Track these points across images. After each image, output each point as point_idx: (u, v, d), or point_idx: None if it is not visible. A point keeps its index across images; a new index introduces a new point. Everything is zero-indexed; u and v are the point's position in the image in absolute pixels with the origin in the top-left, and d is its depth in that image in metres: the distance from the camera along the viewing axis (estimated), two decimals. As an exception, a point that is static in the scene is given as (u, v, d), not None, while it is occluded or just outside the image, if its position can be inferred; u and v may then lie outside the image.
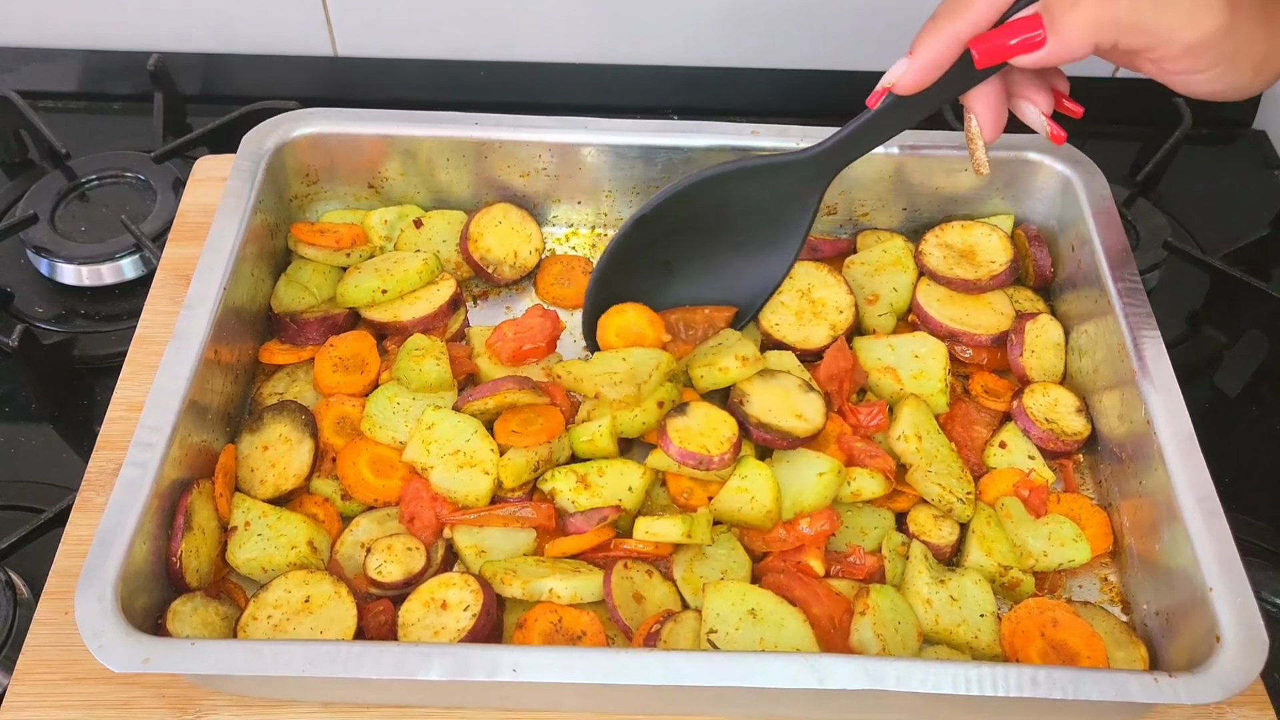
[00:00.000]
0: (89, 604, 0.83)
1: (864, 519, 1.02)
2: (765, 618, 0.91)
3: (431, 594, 0.93)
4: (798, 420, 1.02)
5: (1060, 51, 0.80)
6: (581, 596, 0.93)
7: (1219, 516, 0.90)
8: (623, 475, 1.00)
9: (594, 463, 1.01)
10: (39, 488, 1.13)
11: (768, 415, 1.02)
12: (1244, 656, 0.82)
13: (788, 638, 0.90)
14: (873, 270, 1.18)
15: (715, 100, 1.52)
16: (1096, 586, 1.01)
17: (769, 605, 0.92)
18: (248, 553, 0.96)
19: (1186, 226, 1.40)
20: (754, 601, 0.92)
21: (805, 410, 1.03)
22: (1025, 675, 0.81)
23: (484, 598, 0.91)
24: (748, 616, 0.91)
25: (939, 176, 1.19)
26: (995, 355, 1.13)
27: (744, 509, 0.98)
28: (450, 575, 0.94)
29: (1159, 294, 1.31)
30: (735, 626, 0.90)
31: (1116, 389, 1.03)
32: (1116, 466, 1.03)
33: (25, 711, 0.91)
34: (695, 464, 0.98)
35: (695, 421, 1.01)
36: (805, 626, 0.91)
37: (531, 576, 0.93)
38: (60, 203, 1.35)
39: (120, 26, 1.48)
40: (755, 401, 1.03)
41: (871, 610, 0.91)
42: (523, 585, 0.93)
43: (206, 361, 0.98)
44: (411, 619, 0.91)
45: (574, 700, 0.91)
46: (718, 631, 0.90)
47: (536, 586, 0.92)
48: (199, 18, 1.47)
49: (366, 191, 1.22)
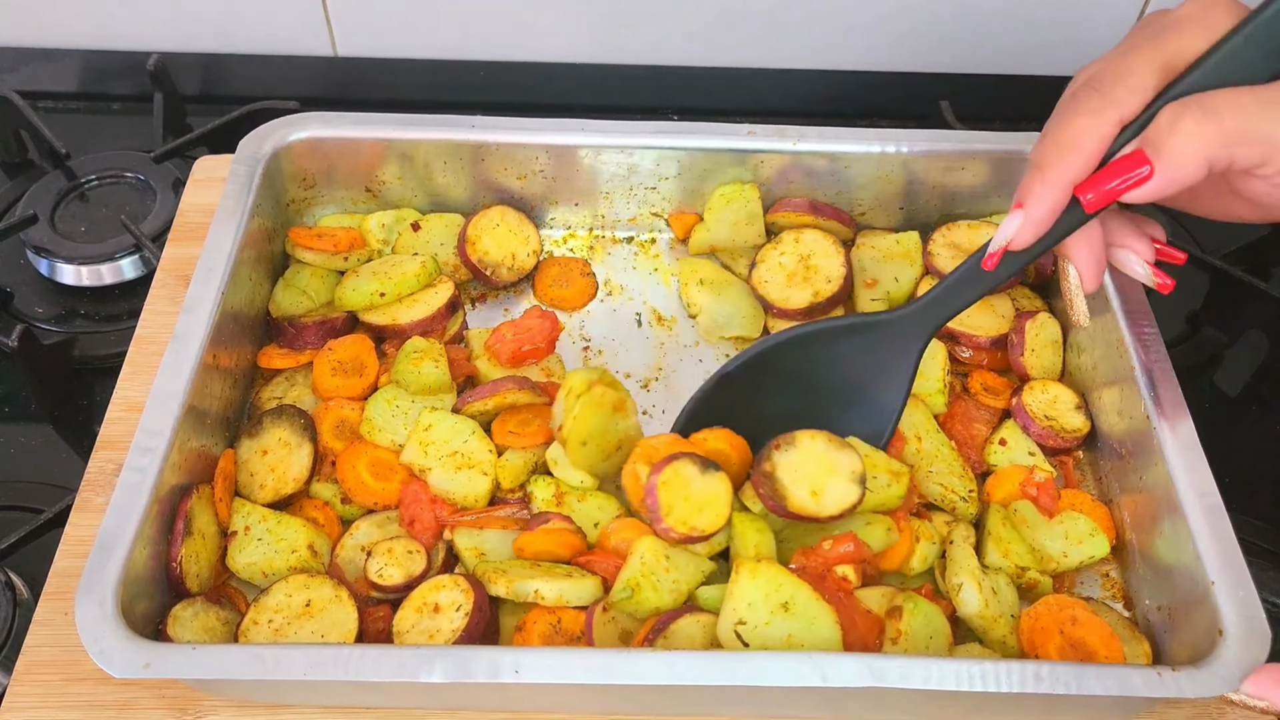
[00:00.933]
0: (89, 609, 0.83)
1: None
2: (799, 613, 0.87)
3: (424, 599, 0.92)
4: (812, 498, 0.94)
5: (1172, 178, 0.76)
6: (568, 599, 0.92)
7: (1220, 511, 0.90)
8: (599, 509, 0.99)
9: (578, 487, 1.00)
10: (39, 488, 1.13)
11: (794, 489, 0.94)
12: (1247, 650, 0.82)
13: (816, 638, 0.87)
14: (881, 257, 1.19)
15: (713, 100, 1.53)
16: (1098, 582, 1.01)
17: (804, 599, 0.88)
18: (248, 557, 0.95)
19: (1186, 225, 1.40)
20: (790, 593, 0.88)
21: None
22: (1029, 671, 0.81)
23: (475, 595, 0.91)
24: (780, 610, 0.87)
25: (937, 175, 1.19)
26: (995, 355, 1.13)
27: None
28: (440, 578, 0.94)
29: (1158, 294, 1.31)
30: (766, 621, 0.87)
31: (1116, 385, 1.03)
32: (1117, 463, 1.03)
33: (25, 712, 0.91)
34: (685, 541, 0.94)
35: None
36: (836, 629, 0.88)
37: (518, 577, 0.93)
38: (60, 203, 1.35)
39: (120, 26, 1.48)
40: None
41: (904, 636, 0.89)
42: (508, 584, 0.92)
43: (205, 366, 0.98)
44: (405, 626, 0.91)
45: (576, 701, 0.91)
46: (747, 624, 0.87)
47: (522, 587, 0.92)
48: (199, 18, 1.47)
49: (364, 195, 1.22)
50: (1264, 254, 1.36)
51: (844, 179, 1.19)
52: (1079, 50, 1.48)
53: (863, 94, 1.52)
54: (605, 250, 1.25)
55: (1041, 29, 1.46)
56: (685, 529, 0.91)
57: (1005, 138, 1.18)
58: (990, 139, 1.18)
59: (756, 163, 1.19)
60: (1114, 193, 0.79)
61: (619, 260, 1.25)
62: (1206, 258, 1.32)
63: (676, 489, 0.92)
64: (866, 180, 1.20)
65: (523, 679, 0.80)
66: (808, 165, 1.19)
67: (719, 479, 0.93)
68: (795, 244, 1.18)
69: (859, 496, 0.93)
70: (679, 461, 0.93)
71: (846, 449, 0.95)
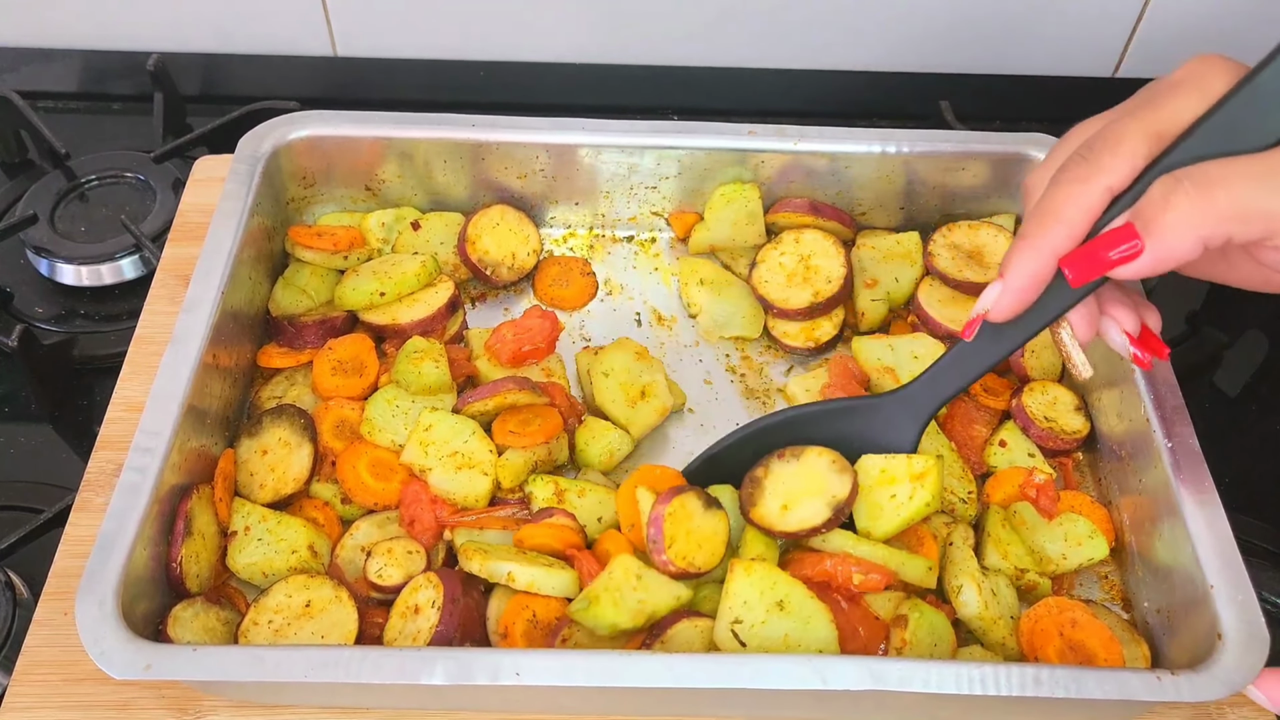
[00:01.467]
0: (89, 610, 0.83)
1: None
2: (794, 612, 0.88)
3: (406, 603, 0.92)
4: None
5: (1163, 257, 0.72)
6: (539, 587, 0.91)
7: (1219, 514, 0.90)
8: (600, 504, 0.99)
9: (578, 482, 1.00)
10: (38, 488, 1.12)
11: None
12: (1245, 654, 0.82)
13: (812, 637, 0.88)
14: (881, 257, 1.19)
15: (713, 100, 1.52)
16: (1097, 584, 1.01)
17: (799, 597, 0.89)
18: (248, 558, 0.95)
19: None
20: (784, 592, 0.89)
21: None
22: (1028, 674, 0.81)
23: (445, 588, 0.90)
24: (775, 609, 0.88)
25: (937, 175, 1.19)
26: (994, 355, 1.13)
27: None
28: (417, 579, 0.93)
29: (1158, 293, 1.31)
30: (762, 620, 0.88)
31: (1115, 386, 1.03)
32: (1116, 464, 1.03)
33: (24, 712, 0.91)
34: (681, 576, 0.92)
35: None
36: (831, 628, 0.88)
37: (495, 558, 0.92)
38: (60, 203, 1.35)
39: (120, 26, 1.48)
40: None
41: (909, 646, 0.89)
42: (482, 562, 0.91)
43: (205, 366, 0.98)
44: (393, 635, 0.91)
45: (575, 703, 0.91)
46: (743, 623, 0.88)
47: (496, 567, 0.91)
48: (199, 18, 1.47)
49: (364, 194, 1.22)
50: (1264, 254, 1.36)
51: (844, 179, 1.19)
52: (1079, 50, 1.49)
53: (863, 94, 1.52)
54: (605, 250, 1.25)
55: (1041, 29, 1.46)
56: (683, 563, 0.91)
57: (1006, 138, 1.18)
58: (991, 139, 1.18)
59: (757, 162, 1.19)
60: (1100, 266, 0.74)
61: (619, 260, 1.25)
62: (1206, 258, 1.32)
63: (680, 521, 0.92)
64: (867, 180, 1.20)
65: (523, 681, 0.80)
66: (808, 165, 1.18)
67: (720, 518, 0.94)
68: (795, 244, 1.18)
69: (824, 521, 0.91)
70: (685, 495, 0.93)
71: (845, 474, 0.93)
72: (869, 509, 0.94)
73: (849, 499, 0.92)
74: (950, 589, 0.94)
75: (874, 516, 0.94)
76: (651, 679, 0.80)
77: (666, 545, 0.90)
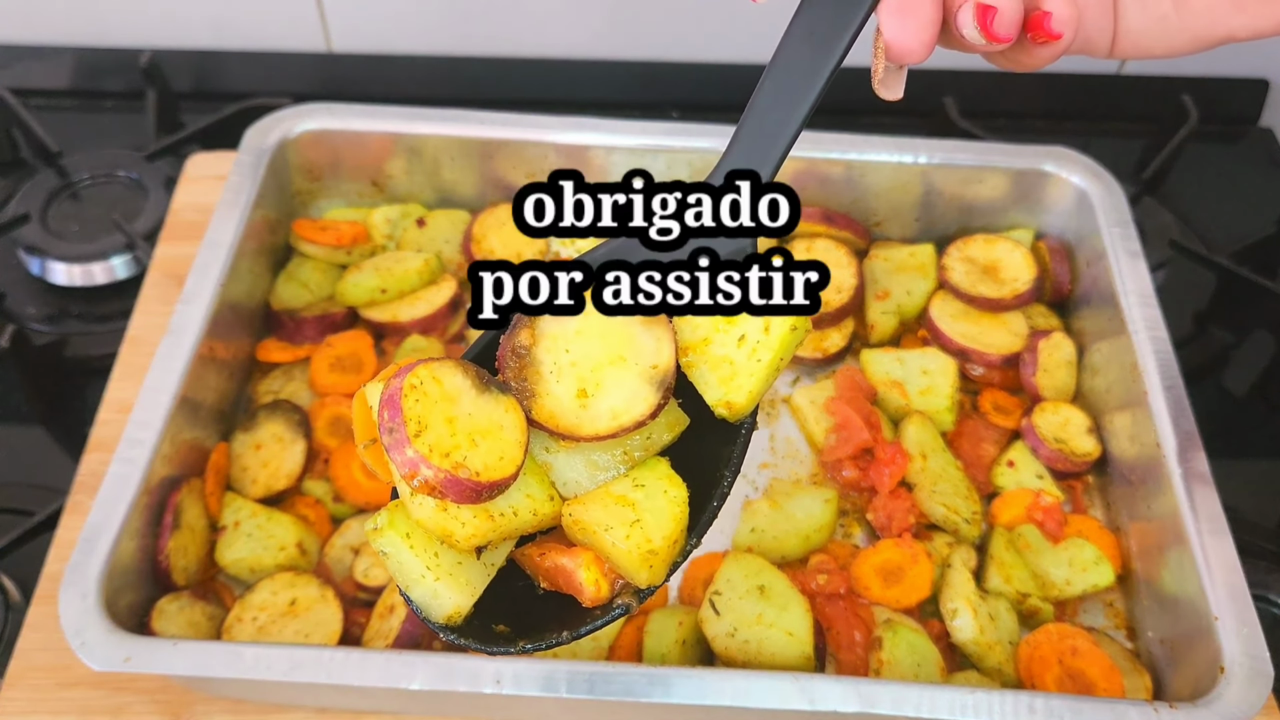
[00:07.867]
0: (72, 601, 0.82)
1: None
2: (773, 598, 0.91)
3: (384, 603, 0.92)
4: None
5: None
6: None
7: (1228, 544, 0.88)
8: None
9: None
10: (30, 490, 1.11)
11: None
12: (1248, 688, 0.80)
13: (787, 621, 0.90)
14: (894, 268, 1.17)
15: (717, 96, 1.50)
16: (1102, 612, 0.98)
17: (781, 587, 0.92)
18: (236, 553, 0.94)
19: (1192, 225, 1.37)
20: (768, 579, 0.92)
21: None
22: (1023, 701, 0.79)
23: None
24: (755, 591, 0.92)
25: (955, 187, 1.17)
26: (1007, 374, 1.11)
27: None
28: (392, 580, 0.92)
29: (1165, 293, 1.28)
30: (741, 596, 0.91)
31: (1128, 409, 1.00)
32: (1126, 489, 1.00)
33: (17, 716, 0.90)
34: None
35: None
36: (807, 617, 0.90)
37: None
38: (52, 201, 1.33)
39: (112, 23, 1.47)
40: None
41: (887, 667, 0.88)
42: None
43: (201, 357, 0.97)
44: (371, 634, 0.90)
45: (557, 711, 0.89)
46: (722, 595, 0.91)
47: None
48: (192, 14, 1.45)
49: (370, 189, 1.21)
50: (1271, 253, 1.33)
51: (859, 187, 1.17)
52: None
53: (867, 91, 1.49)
54: (613, 252, 1.23)
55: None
56: (446, 464, 0.56)
57: (1026, 151, 1.16)
58: (1011, 152, 1.16)
59: (770, 168, 1.17)
60: None
61: (627, 263, 1.23)
62: (1213, 257, 1.29)
63: (435, 402, 0.57)
64: (882, 189, 1.18)
65: (504, 690, 0.79)
66: (823, 172, 1.16)
67: (506, 405, 0.59)
68: (806, 252, 1.16)
69: (651, 408, 0.60)
70: (440, 364, 0.59)
71: (655, 325, 0.61)
72: (715, 370, 0.62)
73: (671, 363, 0.61)
74: (945, 613, 0.92)
75: (728, 379, 0.62)
76: (634, 693, 0.79)
77: (412, 434, 0.56)
